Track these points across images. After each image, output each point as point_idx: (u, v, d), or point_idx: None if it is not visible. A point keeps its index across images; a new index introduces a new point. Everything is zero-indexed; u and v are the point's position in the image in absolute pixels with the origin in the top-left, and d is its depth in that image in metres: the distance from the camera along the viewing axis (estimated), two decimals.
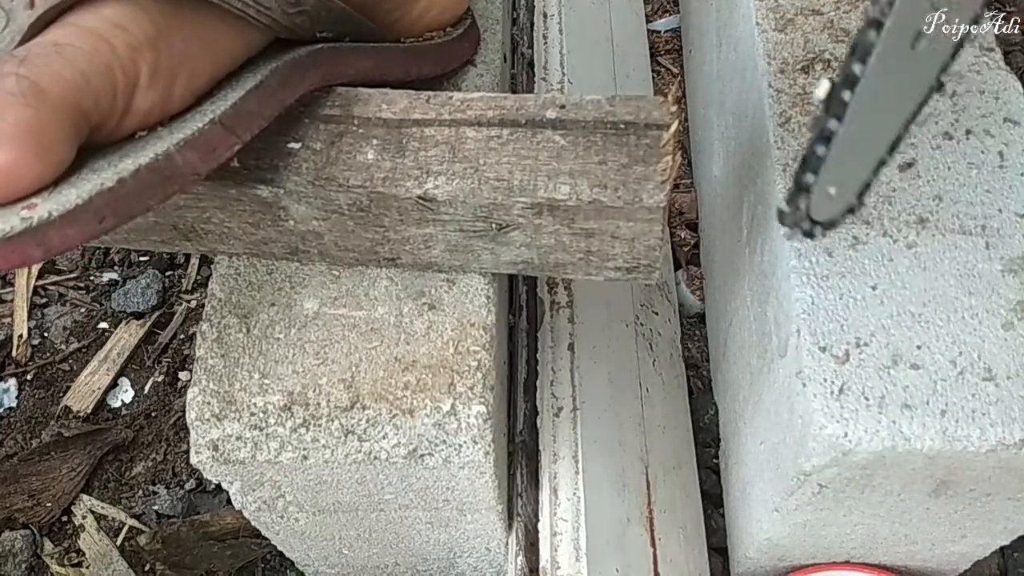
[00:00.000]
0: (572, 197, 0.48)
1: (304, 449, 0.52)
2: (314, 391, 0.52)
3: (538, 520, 0.66)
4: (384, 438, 0.52)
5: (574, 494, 0.66)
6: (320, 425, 0.52)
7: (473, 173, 0.49)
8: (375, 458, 0.52)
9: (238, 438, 0.52)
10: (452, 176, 0.49)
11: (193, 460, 0.53)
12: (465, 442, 0.52)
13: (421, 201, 0.49)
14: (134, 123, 0.44)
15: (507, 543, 0.68)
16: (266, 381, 0.52)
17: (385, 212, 0.50)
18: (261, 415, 0.52)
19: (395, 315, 0.54)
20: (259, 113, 0.47)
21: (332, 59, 0.53)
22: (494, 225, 0.50)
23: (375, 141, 0.51)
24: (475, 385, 0.52)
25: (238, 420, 0.52)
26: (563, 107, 0.51)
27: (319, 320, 0.55)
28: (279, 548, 0.69)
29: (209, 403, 0.52)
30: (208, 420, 0.52)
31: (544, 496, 0.67)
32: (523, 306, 0.75)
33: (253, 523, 0.63)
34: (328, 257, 0.55)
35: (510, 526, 0.67)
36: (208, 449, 0.52)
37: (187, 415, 0.52)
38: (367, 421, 0.52)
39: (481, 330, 0.54)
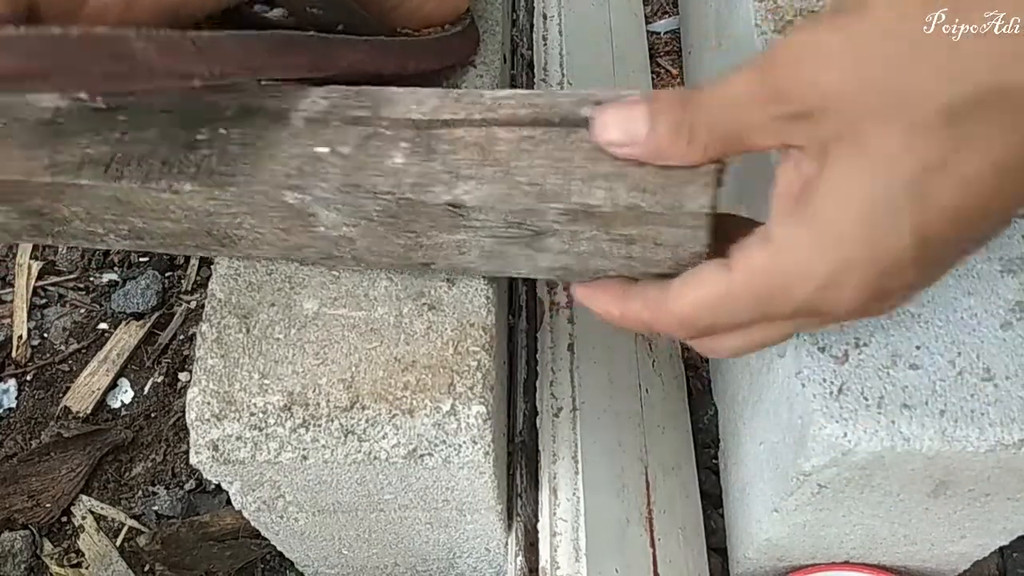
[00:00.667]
0: (608, 202, 0.45)
1: (304, 449, 0.52)
2: (314, 391, 0.52)
3: (538, 520, 0.66)
4: (384, 438, 0.52)
5: (574, 494, 0.66)
6: (320, 425, 0.52)
7: (504, 177, 0.47)
8: (375, 458, 0.52)
9: (238, 438, 0.52)
10: (483, 181, 0.47)
11: (193, 460, 0.53)
12: (465, 442, 0.52)
13: (451, 207, 0.47)
14: (92, 13, 0.44)
15: (507, 543, 0.68)
16: (266, 381, 0.52)
17: (415, 218, 0.48)
18: (261, 415, 0.52)
19: (395, 315, 0.54)
20: (235, 56, 0.46)
21: (323, 47, 0.52)
22: (528, 231, 0.48)
23: (404, 144, 0.48)
24: (475, 385, 0.52)
25: (238, 420, 0.52)
26: (599, 103, 0.48)
27: (319, 320, 0.54)
28: (279, 548, 0.69)
29: (209, 403, 0.52)
30: (208, 420, 0.52)
31: (544, 496, 0.67)
32: (523, 306, 0.75)
33: (253, 523, 0.63)
34: (363, 262, 0.53)
35: (510, 526, 0.67)
36: (208, 449, 0.52)
37: (187, 415, 0.52)
38: (367, 421, 0.52)
39: (481, 330, 0.54)
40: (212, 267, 0.57)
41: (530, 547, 0.66)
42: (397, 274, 0.56)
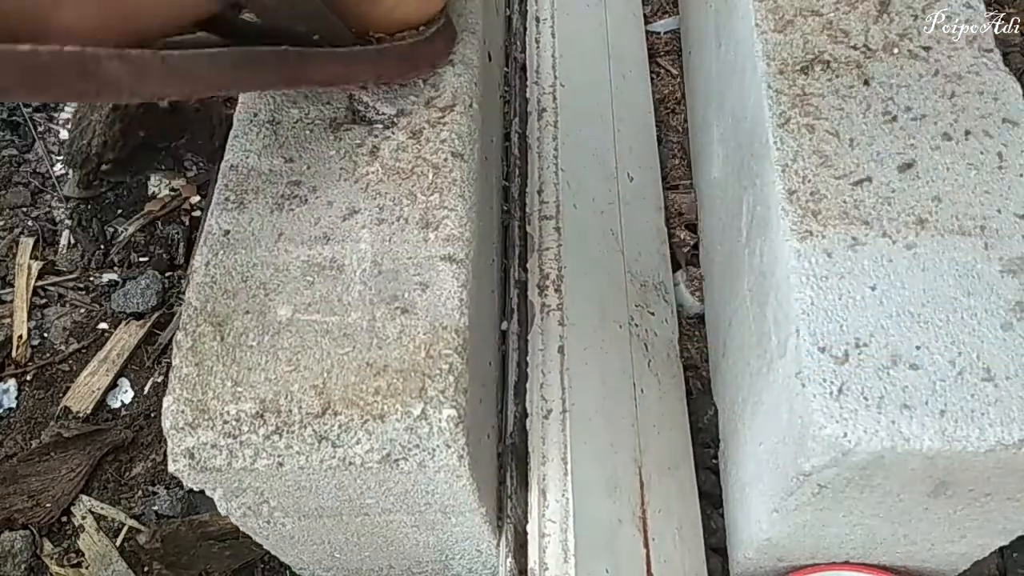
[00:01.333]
0: None
1: (279, 456, 0.52)
2: (286, 398, 0.52)
3: (527, 522, 0.66)
4: (357, 443, 0.51)
5: (563, 495, 0.66)
6: (293, 432, 0.51)
7: None
8: (350, 463, 0.52)
9: (213, 446, 0.52)
10: None
11: (171, 468, 0.53)
12: (438, 446, 0.52)
13: None
14: (61, 28, 0.43)
15: (498, 545, 0.68)
16: (238, 389, 0.52)
17: None
18: (234, 423, 0.52)
19: (368, 320, 0.54)
20: (204, 76, 0.46)
21: (296, 61, 0.51)
22: None
23: None
24: (446, 389, 0.52)
25: (212, 428, 0.52)
26: None
27: (292, 327, 0.54)
28: (272, 552, 0.70)
29: (183, 412, 0.52)
30: (183, 429, 0.52)
31: (533, 498, 0.67)
32: (515, 309, 0.75)
33: (242, 528, 0.64)
34: None
35: (500, 528, 0.67)
36: (184, 457, 0.52)
37: (162, 424, 0.52)
38: (339, 427, 0.51)
39: (454, 333, 0.53)
40: (190, 275, 0.58)
41: (520, 548, 0.66)
42: (371, 277, 0.56)
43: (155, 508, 0.87)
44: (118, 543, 0.85)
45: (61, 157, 1.07)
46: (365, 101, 0.63)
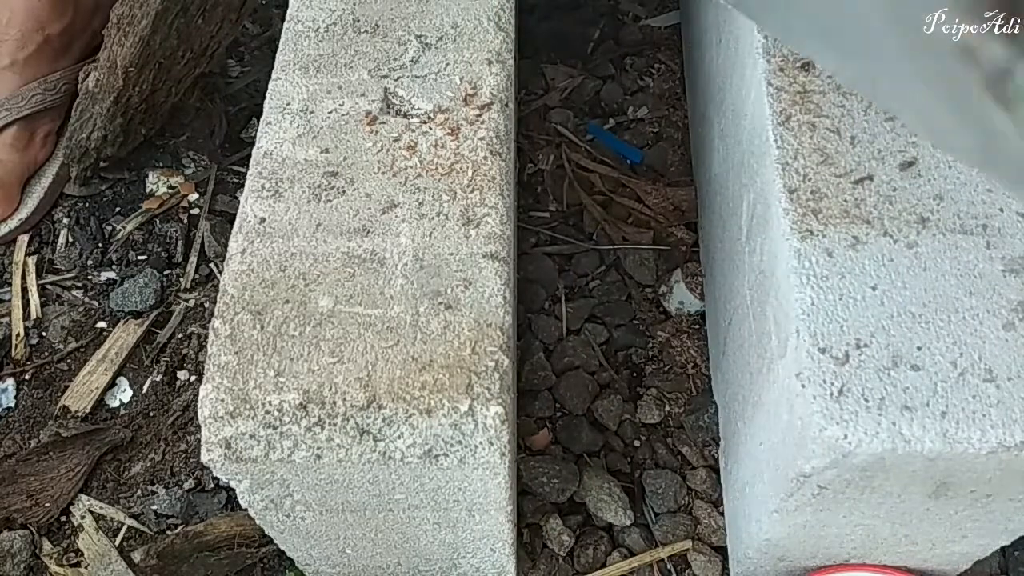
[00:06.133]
0: None
1: (318, 448, 0.52)
2: (330, 389, 0.51)
3: None
4: (400, 438, 0.51)
5: None
6: (335, 424, 0.51)
7: None
8: (389, 458, 0.52)
9: (251, 436, 0.52)
10: None
11: (204, 458, 0.52)
12: (481, 443, 0.52)
13: None
14: None
15: (511, 543, 0.68)
16: (281, 379, 0.52)
17: None
18: (276, 413, 0.51)
19: (411, 314, 0.54)
20: None
21: None
22: None
23: None
24: (493, 386, 0.52)
25: (252, 418, 0.51)
26: None
27: (334, 318, 0.54)
28: (281, 547, 0.69)
29: (223, 400, 0.52)
30: (222, 418, 0.51)
31: None
32: None
33: (258, 522, 0.63)
34: None
35: (517, 527, 0.66)
36: (220, 447, 0.52)
37: (199, 412, 0.52)
38: (383, 420, 0.51)
39: (499, 331, 0.53)
40: (225, 263, 0.57)
41: None
42: (413, 272, 0.56)
43: (154, 507, 0.86)
44: (117, 543, 0.84)
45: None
46: (400, 95, 0.63)
